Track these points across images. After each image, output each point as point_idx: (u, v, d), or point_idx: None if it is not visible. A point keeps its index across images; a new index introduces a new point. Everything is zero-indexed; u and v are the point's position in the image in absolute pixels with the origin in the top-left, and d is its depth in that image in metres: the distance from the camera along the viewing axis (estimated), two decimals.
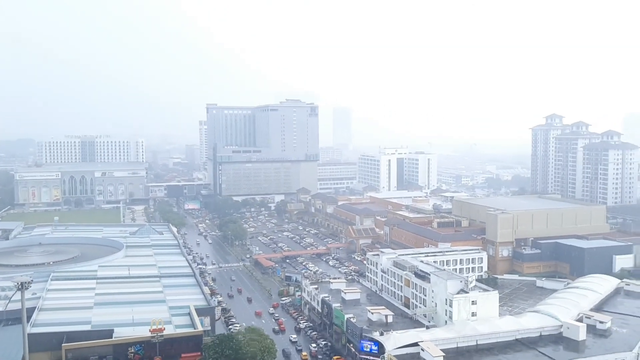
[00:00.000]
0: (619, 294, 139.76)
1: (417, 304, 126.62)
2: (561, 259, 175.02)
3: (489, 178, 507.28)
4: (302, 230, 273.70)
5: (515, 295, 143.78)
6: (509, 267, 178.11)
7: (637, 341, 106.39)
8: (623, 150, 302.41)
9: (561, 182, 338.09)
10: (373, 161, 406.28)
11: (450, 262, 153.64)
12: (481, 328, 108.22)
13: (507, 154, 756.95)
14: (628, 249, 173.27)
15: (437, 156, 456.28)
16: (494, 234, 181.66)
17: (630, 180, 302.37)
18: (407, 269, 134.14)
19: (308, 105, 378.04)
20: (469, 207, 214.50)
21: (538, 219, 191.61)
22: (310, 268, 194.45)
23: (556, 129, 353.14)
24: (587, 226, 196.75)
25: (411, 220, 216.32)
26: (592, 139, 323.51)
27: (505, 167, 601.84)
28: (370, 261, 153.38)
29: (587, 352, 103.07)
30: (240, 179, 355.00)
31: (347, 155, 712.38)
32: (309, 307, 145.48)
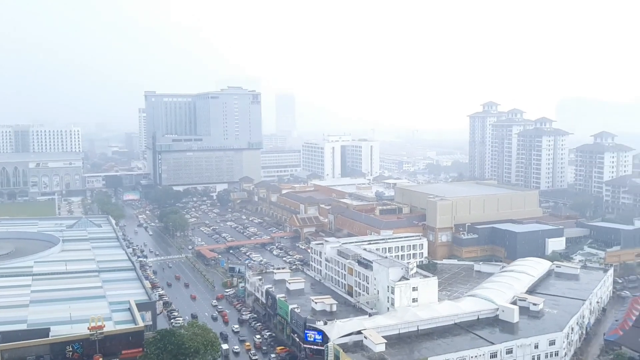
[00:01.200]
0: (550, 276, 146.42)
1: (361, 292, 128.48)
2: (497, 243, 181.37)
3: (430, 164, 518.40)
4: (246, 219, 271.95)
5: (455, 280, 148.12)
6: (448, 252, 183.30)
7: (567, 321, 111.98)
8: (555, 136, 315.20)
9: (497, 168, 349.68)
10: (317, 148, 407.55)
11: (393, 249, 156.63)
12: (422, 314, 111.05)
13: (447, 140, 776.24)
14: (559, 232, 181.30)
15: (380, 143, 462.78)
16: (433, 220, 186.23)
17: (561, 165, 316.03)
18: (350, 257, 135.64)
19: (250, 93, 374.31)
20: (410, 194, 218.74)
21: (475, 204, 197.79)
22: (254, 258, 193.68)
23: (492, 116, 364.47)
24: (521, 211, 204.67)
25: (354, 208, 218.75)
26: (526, 125, 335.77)
27: (445, 153, 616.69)
28: (314, 250, 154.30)
29: (520, 334, 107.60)
30: (181, 168, 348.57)
31: (291, 142, 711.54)
32: (253, 298, 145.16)
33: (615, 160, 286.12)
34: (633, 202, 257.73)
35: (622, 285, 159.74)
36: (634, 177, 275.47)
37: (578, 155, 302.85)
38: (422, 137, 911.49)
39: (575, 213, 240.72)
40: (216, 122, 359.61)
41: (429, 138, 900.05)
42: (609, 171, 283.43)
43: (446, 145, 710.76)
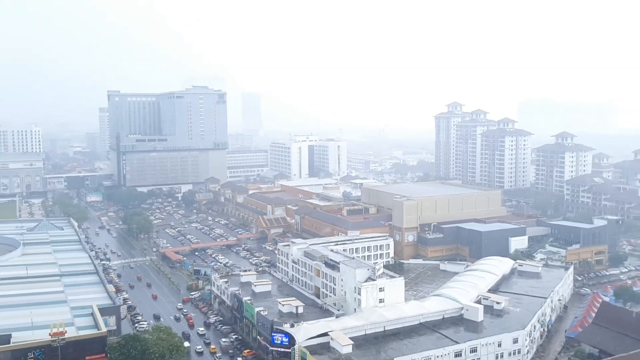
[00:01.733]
0: (513, 274, 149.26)
1: (328, 293, 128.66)
2: (462, 242, 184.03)
3: (396, 163, 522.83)
4: (212, 221, 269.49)
5: (420, 279, 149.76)
6: (414, 251, 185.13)
7: (529, 319, 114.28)
8: (517, 136, 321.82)
9: (462, 167, 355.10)
10: (284, 148, 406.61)
11: (360, 250, 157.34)
12: (388, 314, 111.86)
13: (414, 139, 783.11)
14: (522, 231, 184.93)
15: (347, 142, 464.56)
16: (400, 220, 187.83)
17: (524, 164, 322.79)
18: (317, 258, 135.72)
19: (216, 92, 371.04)
20: (376, 194, 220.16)
21: (441, 204, 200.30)
22: (220, 260, 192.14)
23: (457, 117, 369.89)
24: (485, 210, 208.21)
25: (321, 208, 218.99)
26: (490, 126, 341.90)
27: (411, 153, 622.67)
28: (281, 252, 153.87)
29: (484, 332, 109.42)
30: (146, 168, 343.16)
31: (257, 142, 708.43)
32: (219, 300, 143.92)
33: (575, 159, 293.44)
34: (592, 201, 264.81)
35: (582, 283, 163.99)
36: (593, 177, 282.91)
37: (539, 155, 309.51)
38: (389, 137, 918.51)
39: (536, 212, 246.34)
40: (181, 121, 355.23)
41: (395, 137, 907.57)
42: (569, 170, 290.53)
43: (412, 145, 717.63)
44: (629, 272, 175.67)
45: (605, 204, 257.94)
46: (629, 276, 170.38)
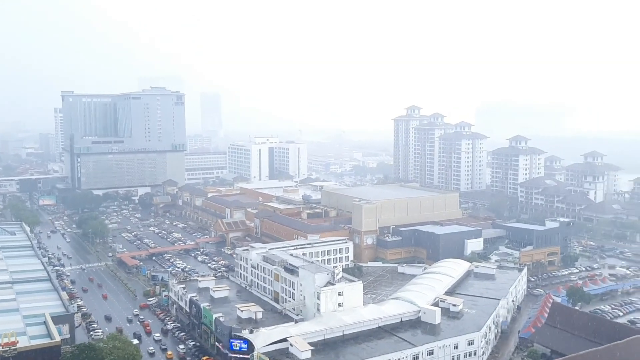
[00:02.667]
0: (469, 276, 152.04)
1: (287, 298, 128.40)
2: (420, 245, 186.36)
3: (356, 165, 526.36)
4: (169, 224, 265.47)
5: (379, 282, 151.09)
6: (373, 254, 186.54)
7: (484, 321, 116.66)
8: (474, 139, 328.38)
9: (421, 170, 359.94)
10: (244, 150, 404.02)
11: (319, 254, 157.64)
12: (347, 318, 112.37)
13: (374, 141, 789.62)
14: (477, 234, 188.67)
15: (308, 144, 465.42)
16: (359, 223, 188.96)
17: (480, 167, 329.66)
18: (276, 263, 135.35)
19: (174, 93, 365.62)
20: (336, 197, 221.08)
21: (399, 207, 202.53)
22: (178, 265, 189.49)
23: (415, 120, 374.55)
24: (442, 212, 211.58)
25: (281, 212, 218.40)
26: (447, 129, 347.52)
27: (371, 155, 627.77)
28: (240, 256, 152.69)
29: (442, 335, 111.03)
30: (101, 171, 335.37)
31: (217, 143, 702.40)
32: (177, 307, 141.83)
33: (528, 162, 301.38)
34: (545, 203, 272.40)
35: (535, 284, 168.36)
36: (545, 179, 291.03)
37: (495, 158, 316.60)
38: (349, 138, 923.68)
39: (492, 214, 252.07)
40: (138, 123, 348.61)
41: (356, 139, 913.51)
42: (523, 173, 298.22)
43: (372, 147, 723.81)
44: (579, 272, 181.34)
45: (558, 205, 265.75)
46: (580, 277, 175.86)
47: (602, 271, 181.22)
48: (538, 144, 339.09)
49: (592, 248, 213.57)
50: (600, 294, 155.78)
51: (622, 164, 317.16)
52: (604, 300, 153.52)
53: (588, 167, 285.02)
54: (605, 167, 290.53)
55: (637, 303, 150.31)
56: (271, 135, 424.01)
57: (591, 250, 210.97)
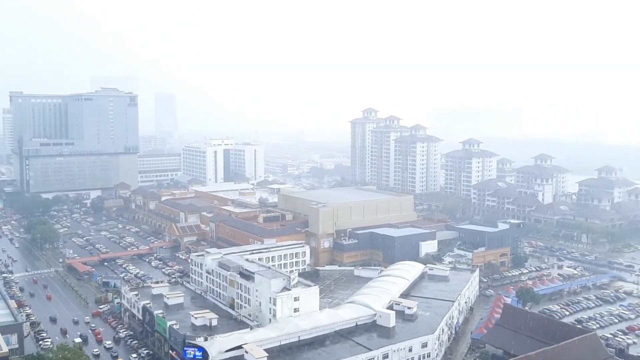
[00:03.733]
0: (424, 278, 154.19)
1: (243, 304, 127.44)
2: (376, 248, 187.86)
3: (314, 167, 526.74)
4: (122, 228, 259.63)
5: (336, 286, 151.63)
6: (330, 257, 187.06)
7: (438, 323, 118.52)
8: (428, 142, 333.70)
9: (377, 172, 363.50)
10: (199, 152, 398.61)
11: (275, 258, 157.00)
12: (303, 324, 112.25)
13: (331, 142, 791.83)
14: (432, 236, 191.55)
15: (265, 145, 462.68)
16: (316, 226, 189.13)
17: (434, 169, 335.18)
18: (231, 269, 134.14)
19: (127, 95, 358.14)
20: (293, 200, 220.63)
21: (356, 210, 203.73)
22: (131, 271, 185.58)
23: (372, 122, 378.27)
24: (398, 215, 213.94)
25: (237, 215, 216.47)
26: (403, 132, 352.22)
27: (328, 156, 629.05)
28: (195, 262, 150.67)
29: (396, 338, 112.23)
30: (51, 174, 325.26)
31: (172, 144, 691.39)
32: (129, 314, 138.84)
33: (481, 165, 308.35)
34: (497, 205, 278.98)
35: (487, 284, 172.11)
36: (497, 181, 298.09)
37: (449, 160, 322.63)
38: (307, 139, 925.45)
39: (446, 216, 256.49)
40: (90, 125, 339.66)
41: (313, 140, 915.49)
42: (476, 175, 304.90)
43: (330, 148, 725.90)
44: (529, 272, 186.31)
45: (508, 207, 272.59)
46: (530, 277, 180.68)
47: (550, 271, 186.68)
48: (490, 147, 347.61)
49: (541, 248, 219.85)
50: (549, 294, 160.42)
51: (569, 166, 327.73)
52: (553, 300, 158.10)
53: (537, 170, 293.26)
54: (554, 169, 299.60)
55: (583, 302, 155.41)
56: (227, 137, 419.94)
57: (540, 250, 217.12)
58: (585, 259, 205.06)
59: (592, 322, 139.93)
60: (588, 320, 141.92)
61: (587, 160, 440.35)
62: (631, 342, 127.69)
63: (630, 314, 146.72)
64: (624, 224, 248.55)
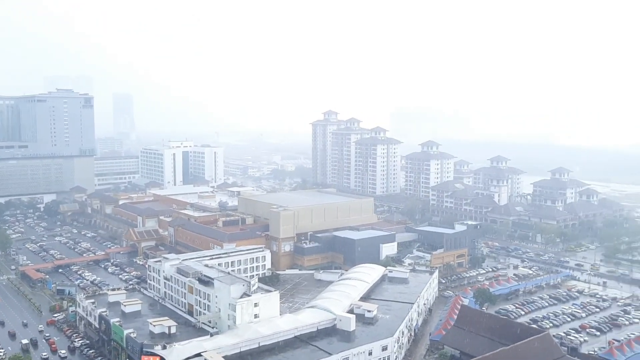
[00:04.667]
0: (384, 281, 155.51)
1: (202, 311, 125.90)
2: (337, 250, 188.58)
3: (275, 169, 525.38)
4: (78, 234, 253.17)
5: (297, 290, 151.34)
6: (291, 261, 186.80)
7: (397, 326, 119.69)
8: (388, 144, 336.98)
9: (338, 174, 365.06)
10: (157, 155, 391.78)
11: (235, 263, 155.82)
12: (263, 330, 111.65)
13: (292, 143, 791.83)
14: (392, 238, 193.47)
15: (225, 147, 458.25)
16: (277, 230, 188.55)
17: (394, 171, 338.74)
18: (190, 275, 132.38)
19: (82, 96, 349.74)
20: (253, 204, 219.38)
21: (317, 213, 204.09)
22: (87, 277, 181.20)
23: (333, 125, 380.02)
24: (359, 217, 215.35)
25: (196, 219, 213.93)
26: (363, 134, 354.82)
27: (289, 158, 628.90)
28: (152, 268, 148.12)
29: (356, 342, 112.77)
30: (3, 177, 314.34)
31: (129, 146, 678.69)
32: (85, 322, 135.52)
33: (439, 167, 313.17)
34: (455, 206, 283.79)
35: (446, 285, 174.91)
36: (455, 183, 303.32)
37: (408, 162, 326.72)
38: (268, 141, 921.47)
39: (405, 218, 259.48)
40: (43, 127, 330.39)
41: (274, 141, 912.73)
42: (435, 177, 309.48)
43: (291, 149, 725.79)
44: (486, 273, 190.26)
45: (466, 208, 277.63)
46: (487, 277, 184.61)
47: (506, 271, 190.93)
48: (449, 148, 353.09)
49: (498, 249, 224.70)
50: (504, 294, 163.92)
51: (524, 167, 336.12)
52: (509, 300, 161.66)
53: (493, 171, 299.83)
54: (509, 170, 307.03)
55: (538, 302, 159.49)
56: (185, 139, 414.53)
57: (496, 251, 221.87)
58: (539, 259, 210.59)
59: (546, 321, 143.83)
60: (542, 319, 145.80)
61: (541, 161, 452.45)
62: (583, 340, 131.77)
63: (582, 313, 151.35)
64: (576, 224, 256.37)
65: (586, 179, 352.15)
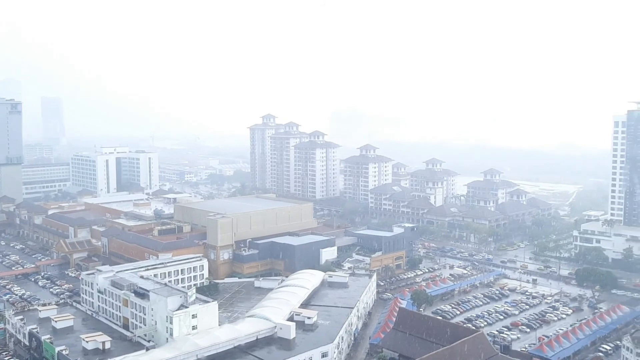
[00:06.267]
0: (324, 286, 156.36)
1: (137, 324, 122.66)
2: (277, 257, 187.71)
3: (212, 174, 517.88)
4: (6, 246, 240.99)
5: (236, 299, 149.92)
6: (230, 269, 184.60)
7: (337, 332, 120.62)
8: (327, 148, 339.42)
9: (278, 178, 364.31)
10: (88, 161, 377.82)
11: (172, 273, 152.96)
12: (201, 342, 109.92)
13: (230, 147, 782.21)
14: (331, 242, 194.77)
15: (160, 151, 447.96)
16: (214, 238, 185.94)
17: (333, 175, 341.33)
18: (125, 287, 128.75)
19: (8, 102, 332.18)
20: (190, 211, 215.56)
21: (256, 220, 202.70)
22: (16, 292, 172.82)
23: (271, 128, 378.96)
24: (298, 223, 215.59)
25: (131, 229, 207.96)
26: (302, 138, 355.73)
27: (228, 162, 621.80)
28: (85, 281, 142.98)
29: (297, 350, 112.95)
30: None
31: (59, 151, 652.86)
32: (14, 340, 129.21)
33: (377, 170, 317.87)
34: (393, 208, 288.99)
35: (384, 288, 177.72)
36: (393, 185, 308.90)
37: (347, 166, 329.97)
38: (205, 144, 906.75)
39: (345, 222, 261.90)
40: None
41: (212, 145, 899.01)
42: (373, 180, 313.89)
43: (229, 153, 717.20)
44: (423, 274, 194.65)
45: (403, 210, 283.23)
46: (424, 278, 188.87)
47: (442, 272, 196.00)
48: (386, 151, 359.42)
49: (434, 250, 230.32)
50: (441, 294, 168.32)
51: (458, 169, 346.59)
52: (445, 300, 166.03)
53: (429, 173, 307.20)
54: (444, 172, 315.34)
55: (472, 301, 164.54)
56: (119, 144, 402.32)
57: (433, 251, 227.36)
58: (473, 258, 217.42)
59: (480, 320, 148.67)
60: (477, 318, 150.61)
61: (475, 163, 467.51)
62: (515, 338, 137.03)
63: (514, 310, 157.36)
64: (507, 223, 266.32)
65: (516, 179, 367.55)
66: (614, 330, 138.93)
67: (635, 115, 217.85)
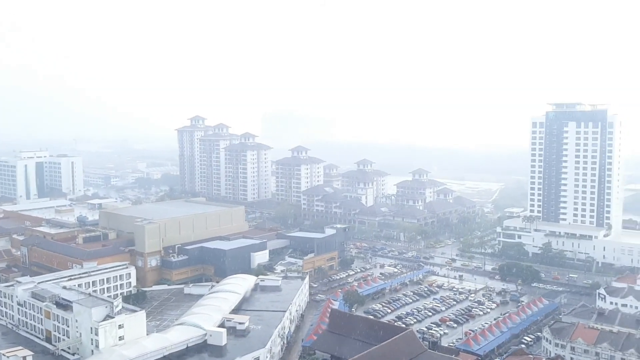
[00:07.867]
0: (256, 290, 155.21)
1: (61, 337, 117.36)
2: (207, 262, 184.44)
3: (140, 177, 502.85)
4: None
5: (165, 307, 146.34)
6: (158, 276, 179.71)
7: (269, 336, 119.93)
8: (258, 150, 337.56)
9: (207, 181, 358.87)
10: (7, 166, 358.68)
11: (97, 283, 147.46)
12: (128, 352, 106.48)
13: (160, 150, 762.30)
14: (263, 246, 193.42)
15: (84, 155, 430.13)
16: (142, 245, 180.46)
17: (265, 177, 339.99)
18: (47, 299, 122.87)
19: None
20: (116, 217, 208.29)
21: (185, 225, 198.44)
22: None
23: (200, 131, 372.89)
24: (229, 227, 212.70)
25: (53, 237, 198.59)
26: (232, 140, 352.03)
27: (155, 165, 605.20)
28: (4, 293, 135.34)
29: (228, 356, 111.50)
30: None
31: None
32: None
33: (309, 171, 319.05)
34: (325, 209, 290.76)
35: (317, 289, 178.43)
36: (325, 187, 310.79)
37: (279, 167, 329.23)
38: (133, 147, 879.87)
39: (277, 224, 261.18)
40: None
41: (139, 147, 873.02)
42: (305, 181, 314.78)
43: (157, 156, 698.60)
44: (355, 274, 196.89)
45: (335, 211, 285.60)
46: (356, 278, 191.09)
47: (373, 271, 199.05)
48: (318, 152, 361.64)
49: (365, 249, 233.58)
50: (372, 293, 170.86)
51: (389, 169, 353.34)
52: (376, 299, 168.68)
53: (360, 174, 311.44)
54: (375, 172, 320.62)
55: (402, 299, 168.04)
56: (39, 148, 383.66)
57: (364, 251, 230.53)
58: (402, 257, 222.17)
59: (410, 318, 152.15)
60: (407, 315, 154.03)
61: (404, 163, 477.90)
62: (443, 333, 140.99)
63: (442, 307, 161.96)
64: (435, 221, 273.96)
65: (443, 178, 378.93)
66: (534, 322, 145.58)
67: (552, 116, 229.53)
